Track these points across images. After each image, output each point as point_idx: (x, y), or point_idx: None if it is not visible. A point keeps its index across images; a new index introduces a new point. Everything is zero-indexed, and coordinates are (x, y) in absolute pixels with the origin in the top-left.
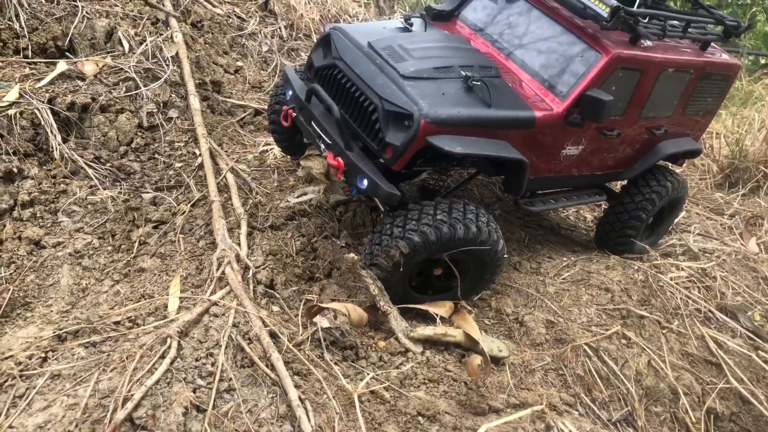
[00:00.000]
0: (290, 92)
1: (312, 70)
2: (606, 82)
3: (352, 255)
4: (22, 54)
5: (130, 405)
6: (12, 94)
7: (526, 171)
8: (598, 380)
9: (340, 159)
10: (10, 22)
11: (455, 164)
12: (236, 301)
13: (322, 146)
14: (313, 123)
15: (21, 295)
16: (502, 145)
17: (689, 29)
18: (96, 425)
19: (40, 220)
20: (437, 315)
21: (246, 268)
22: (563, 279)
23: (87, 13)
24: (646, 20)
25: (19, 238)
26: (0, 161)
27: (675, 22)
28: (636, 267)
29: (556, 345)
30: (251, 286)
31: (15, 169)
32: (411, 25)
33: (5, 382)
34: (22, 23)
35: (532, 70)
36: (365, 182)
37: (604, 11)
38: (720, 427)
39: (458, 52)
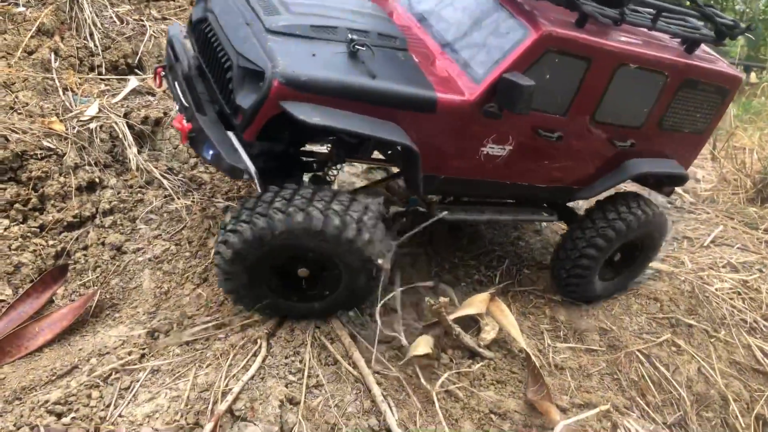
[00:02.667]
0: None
1: (190, 25)
2: (536, 67)
3: (439, 300)
4: (96, 71)
5: (230, 398)
6: (93, 109)
7: (417, 161)
8: (651, 385)
9: (185, 122)
10: (85, 41)
11: (352, 149)
12: None
13: (178, 107)
14: (176, 83)
15: (108, 297)
16: (388, 126)
17: (664, 22)
18: (199, 416)
19: (120, 227)
20: (476, 314)
21: None
22: None
23: (153, 32)
24: None
25: (103, 243)
26: (84, 171)
27: (648, 9)
28: (683, 278)
29: (609, 351)
30: None
31: (96, 179)
32: None
33: (110, 375)
34: (97, 42)
35: (453, 48)
36: (210, 152)
37: None
38: None
39: (357, 16)
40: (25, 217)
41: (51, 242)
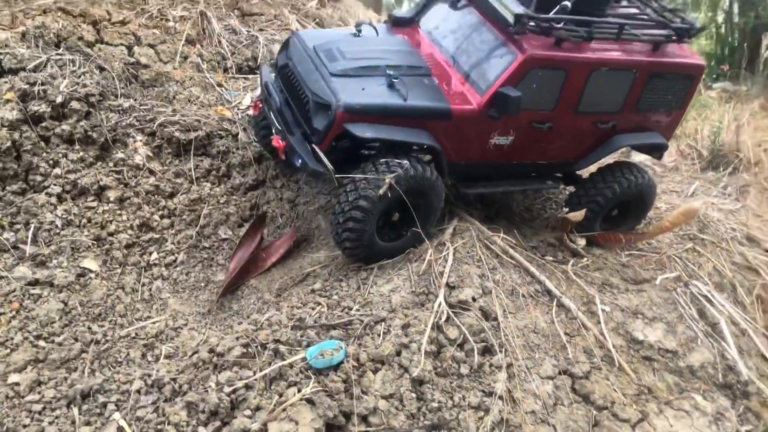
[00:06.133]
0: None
1: (276, 69)
2: (524, 80)
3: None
4: (228, 72)
5: (445, 277)
6: (247, 100)
7: (440, 156)
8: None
9: (281, 141)
10: (217, 47)
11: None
12: (468, 223)
13: (274, 130)
14: (270, 112)
15: (299, 235)
16: (419, 133)
17: (629, 32)
18: (426, 287)
19: (288, 187)
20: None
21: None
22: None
23: (263, 40)
24: (560, 25)
25: (281, 199)
26: (253, 147)
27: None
28: None
29: (654, 254)
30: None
31: (257, 155)
32: (360, 31)
33: (346, 274)
34: (225, 49)
35: (463, 70)
36: (299, 161)
37: (510, 17)
38: (763, 308)
39: (393, 54)
40: (219, 182)
41: (243, 199)
